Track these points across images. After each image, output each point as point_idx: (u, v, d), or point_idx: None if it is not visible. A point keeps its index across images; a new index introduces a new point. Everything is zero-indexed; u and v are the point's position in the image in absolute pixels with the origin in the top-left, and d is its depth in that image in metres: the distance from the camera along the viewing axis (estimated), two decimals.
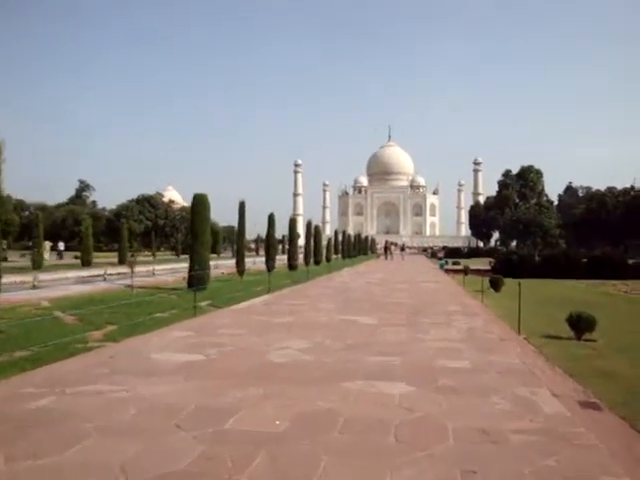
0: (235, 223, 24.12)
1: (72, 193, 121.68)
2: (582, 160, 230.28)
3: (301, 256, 36.34)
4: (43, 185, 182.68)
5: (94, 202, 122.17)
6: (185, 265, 21.95)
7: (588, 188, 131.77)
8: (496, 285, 22.56)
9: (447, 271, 36.90)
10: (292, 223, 32.21)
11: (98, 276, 27.37)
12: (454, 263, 45.47)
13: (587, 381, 6.44)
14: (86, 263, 35.60)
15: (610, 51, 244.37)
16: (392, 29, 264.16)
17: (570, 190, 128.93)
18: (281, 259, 36.51)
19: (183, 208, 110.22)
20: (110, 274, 28.10)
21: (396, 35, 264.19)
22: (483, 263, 49.07)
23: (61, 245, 51.23)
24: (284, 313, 12.19)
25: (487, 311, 13.75)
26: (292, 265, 31.29)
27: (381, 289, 19.21)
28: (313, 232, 41.11)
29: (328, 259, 44.75)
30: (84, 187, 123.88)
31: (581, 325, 11.00)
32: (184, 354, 7.53)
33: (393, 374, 6.40)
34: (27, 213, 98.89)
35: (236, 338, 8.85)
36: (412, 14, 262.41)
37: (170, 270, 33.55)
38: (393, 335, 9.33)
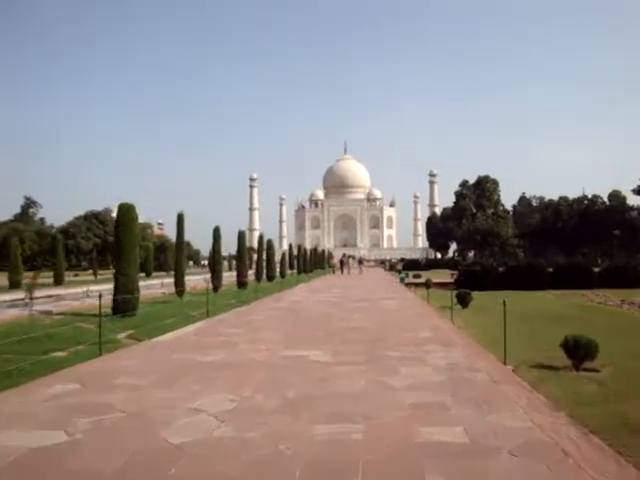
0: (191, 240, 22.86)
1: (17, 210, 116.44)
2: (534, 170, 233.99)
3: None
4: None
5: (42, 219, 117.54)
6: None
7: (541, 198, 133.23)
8: (464, 300, 20.52)
9: (408, 285, 34.94)
10: (241, 237, 29.68)
11: (21, 300, 24.28)
12: (414, 276, 43.63)
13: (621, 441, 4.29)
14: (14, 285, 32.24)
15: (558, 59, 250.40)
16: (346, 40, 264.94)
17: (523, 200, 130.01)
18: (233, 275, 34.37)
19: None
20: (37, 297, 25.05)
21: (350, 47, 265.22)
22: (444, 275, 47.50)
23: None
24: (215, 347, 9.70)
25: (462, 335, 11.55)
26: (241, 282, 28.72)
27: (337, 309, 16.88)
28: (265, 246, 38.74)
29: (282, 275, 42.42)
30: (30, 204, 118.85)
31: (580, 352, 8.90)
32: (40, 432, 5.02)
33: (351, 467, 4.04)
34: None
35: (134, 394, 6.35)
36: (364, 24, 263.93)
37: (108, 291, 30.74)
38: (351, 380, 6.97)
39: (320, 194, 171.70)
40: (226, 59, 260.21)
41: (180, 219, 20.63)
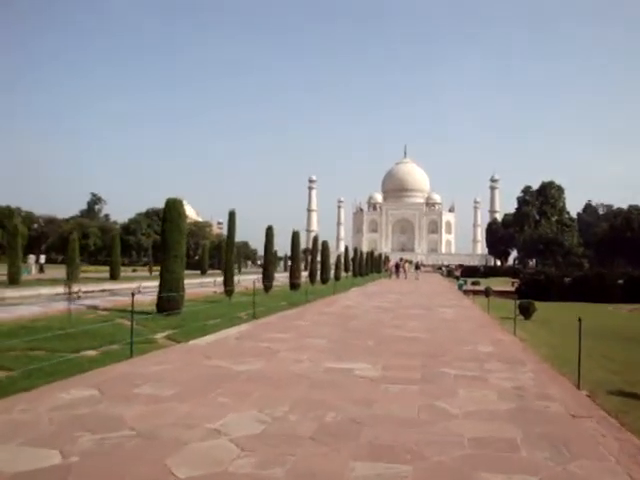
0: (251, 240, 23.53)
1: (83, 206, 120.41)
2: (600, 178, 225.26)
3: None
4: (55, 198, 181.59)
5: (107, 215, 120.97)
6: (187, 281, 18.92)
7: (609, 206, 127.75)
8: (527, 311, 19.15)
9: (466, 292, 33.51)
10: (295, 238, 28.97)
11: (73, 293, 24.32)
12: (473, 283, 42.05)
13: None
14: (71, 278, 32.58)
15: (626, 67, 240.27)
16: (410, 45, 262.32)
17: (589, 208, 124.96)
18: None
19: (197, 223, 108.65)
20: (88, 292, 25.12)
21: (413, 51, 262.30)
22: (504, 283, 45.65)
23: (42, 258, 48.54)
24: (254, 354, 8.90)
25: (527, 352, 10.35)
26: (294, 284, 28.01)
27: (391, 316, 15.86)
28: (320, 248, 37.97)
29: (337, 277, 41.53)
30: (96, 200, 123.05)
31: None
32: (33, 450, 4.31)
33: None
34: (36, 226, 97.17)
35: (151, 407, 5.59)
36: (430, 31, 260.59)
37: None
38: (401, 403, 6.01)
39: (379, 197, 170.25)
40: (290, 58, 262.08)
41: (232, 217, 20.05)
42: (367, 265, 61.71)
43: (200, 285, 32.76)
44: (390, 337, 11.29)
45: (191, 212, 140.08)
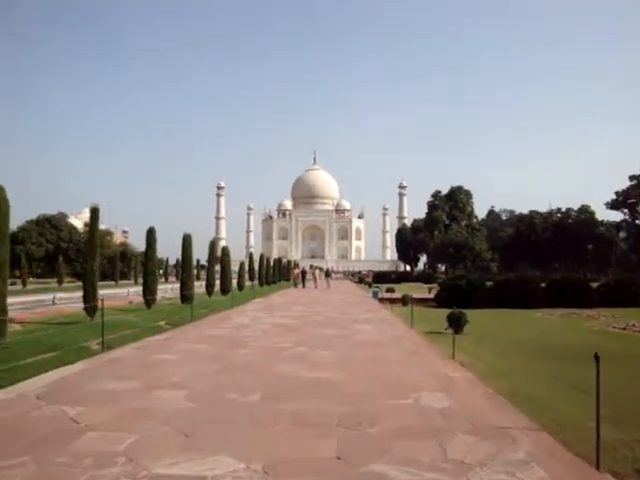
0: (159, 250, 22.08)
1: None
2: (501, 184, 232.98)
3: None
4: None
5: None
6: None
7: (511, 211, 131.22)
8: (458, 323, 15.94)
9: (381, 300, 30.40)
10: (186, 241, 24.68)
11: None
12: (387, 290, 39.11)
13: None
14: None
15: (516, 70, 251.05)
16: (315, 49, 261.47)
17: (492, 214, 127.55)
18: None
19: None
20: None
21: (319, 56, 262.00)
22: (418, 289, 43.06)
23: None
24: (29, 445, 4.82)
25: (501, 404, 6.86)
26: (185, 296, 23.71)
27: (293, 340, 12.03)
28: (220, 255, 33.78)
29: (240, 287, 37.46)
30: None
31: None
32: None
33: None
34: None
35: None
36: (334, 33, 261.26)
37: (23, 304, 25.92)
38: None
39: (288, 204, 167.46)
40: (195, 63, 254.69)
41: (151, 234, 20.31)
42: (275, 273, 57.91)
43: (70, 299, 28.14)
44: (287, 382, 7.42)
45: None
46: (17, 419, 5.63)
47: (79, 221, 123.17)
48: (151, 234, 20.68)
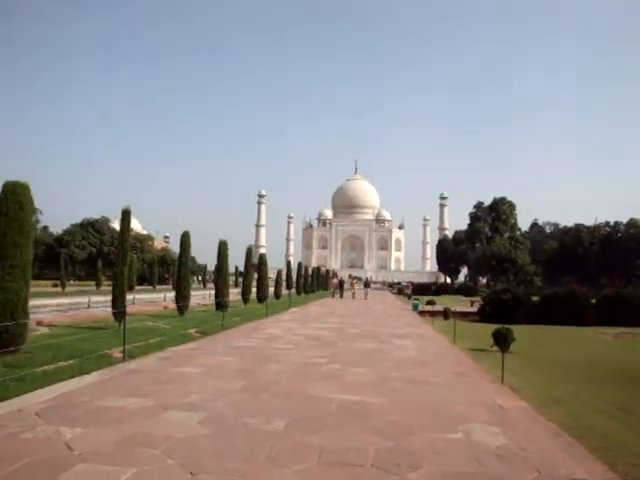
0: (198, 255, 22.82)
1: None
2: (545, 197, 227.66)
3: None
4: None
5: (45, 227, 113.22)
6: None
7: (556, 224, 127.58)
8: (504, 341, 14.83)
9: (421, 313, 29.28)
10: (221, 248, 24.14)
11: None
12: (428, 302, 37.88)
13: None
14: None
15: (578, 89, 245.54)
16: (361, 61, 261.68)
17: (536, 227, 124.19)
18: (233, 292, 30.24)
19: (137, 236, 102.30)
20: None
21: (365, 67, 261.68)
22: (458, 302, 41.70)
23: None
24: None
25: (576, 450, 5.89)
26: (219, 304, 23.11)
27: (328, 355, 11.15)
28: (257, 262, 33.22)
29: (277, 295, 36.81)
30: None
31: None
32: None
33: None
34: None
35: None
36: (381, 47, 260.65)
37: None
38: None
39: (329, 213, 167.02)
40: (238, 73, 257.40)
41: (185, 238, 20.00)
42: (313, 282, 57.13)
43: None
44: (318, 406, 6.54)
45: (136, 224, 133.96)
46: (4, 442, 4.92)
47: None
48: (185, 238, 20.17)
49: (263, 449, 4.88)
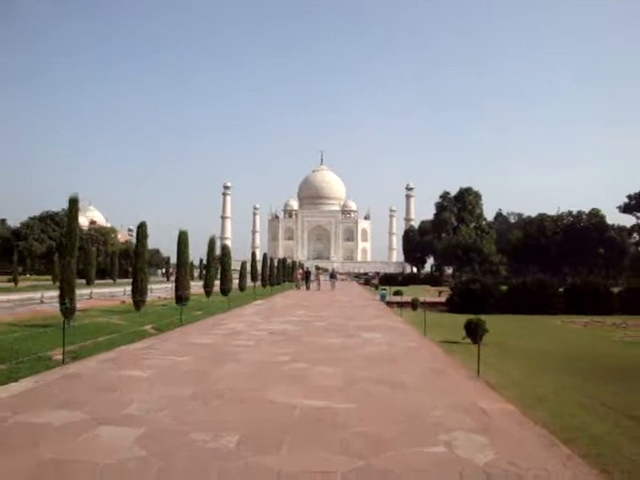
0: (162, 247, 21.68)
1: None
2: (507, 187, 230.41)
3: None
4: None
5: (2, 220, 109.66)
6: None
7: (520, 214, 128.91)
8: (475, 332, 14.25)
9: (389, 303, 28.72)
10: (181, 238, 23.02)
11: None
12: (395, 292, 37.41)
13: None
14: None
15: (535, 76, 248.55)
16: (328, 52, 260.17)
17: (500, 217, 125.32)
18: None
19: (100, 228, 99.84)
20: None
21: (329, 58, 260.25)
22: (426, 292, 41.31)
23: None
24: None
25: (543, 438, 5.19)
26: (180, 297, 22.05)
27: (292, 352, 10.30)
28: (221, 253, 32.16)
29: (241, 287, 35.82)
30: None
31: None
32: None
33: None
34: None
35: None
36: (350, 34, 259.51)
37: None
38: None
39: (295, 204, 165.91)
40: (202, 64, 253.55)
41: (142, 228, 18.71)
42: (279, 273, 56.20)
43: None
44: (277, 415, 5.67)
45: (100, 218, 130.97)
46: None
47: (85, 219, 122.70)
48: (142, 229, 19.02)
49: (207, 475, 4.02)
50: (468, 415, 5.91)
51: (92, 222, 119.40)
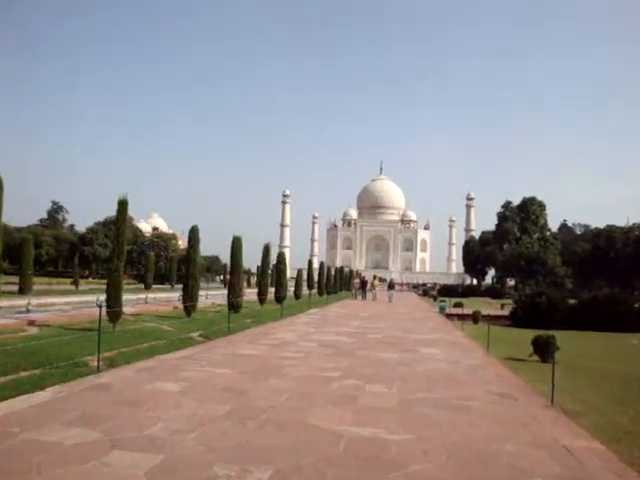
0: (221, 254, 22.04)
1: (43, 215, 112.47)
2: (572, 198, 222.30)
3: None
4: (14, 206, 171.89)
5: (72, 226, 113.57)
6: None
7: (586, 226, 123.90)
8: (546, 350, 13.04)
9: (449, 316, 27.46)
10: (235, 244, 22.60)
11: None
12: (455, 305, 35.96)
13: None
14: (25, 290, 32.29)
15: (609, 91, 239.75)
16: (385, 61, 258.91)
17: (565, 228, 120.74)
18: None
19: (161, 234, 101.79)
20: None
21: (389, 67, 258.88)
22: (487, 305, 39.69)
23: None
24: None
25: None
26: (233, 304, 21.57)
27: (343, 367, 9.43)
28: (275, 261, 31.61)
29: (297, 295, 35.20)
30: (57, 209, 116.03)
31: None
32: None
33: None
34: None
35: None
36: (405, 47, 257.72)
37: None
38: None
39: (354, 214, 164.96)
40: (264, 72, 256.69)
41: (194, 233, 18.88)
42: (336, 282, 55.40)
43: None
44: (319, 446, 4.75)
45: (162, 225, 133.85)
46: None
47: (148, 225, 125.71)
48: (194, 233, 18.67)
49: None
50: (549, 455, 4.91)
51: (155, 229, 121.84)
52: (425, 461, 4.59)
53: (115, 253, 13.73)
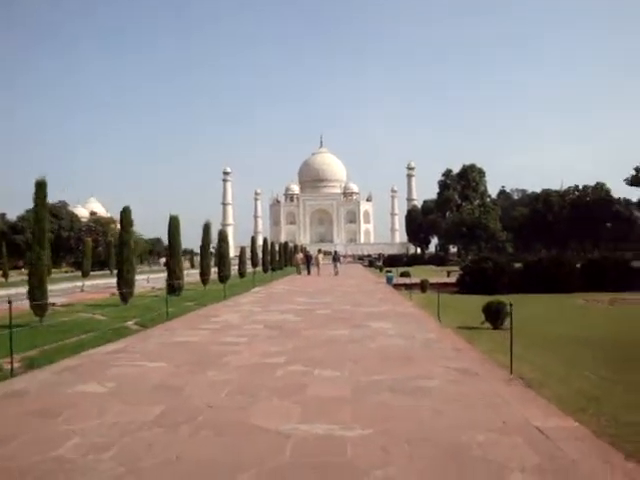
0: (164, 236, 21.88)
1: None
2: (509, 164, 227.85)
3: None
4: None
5: (2, 214, 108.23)
6: None
7: (523, 191, 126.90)
8: (497, 316, 12.76)
9: (396, 286, 27.12)
10: (172, 224, 21.49)
11: None
12: (402, 274, 35.76)
13: None
14: None
15: (541, 56, 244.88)
16: (325, 35, 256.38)
17: (503, 194, 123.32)
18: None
19: (99, 219, 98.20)
20: None
21: (329, 41, 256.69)
22: (433, 273, 39.70)
23: None
24: None
25: None
26: (172, 286, 20.60)
27: (290, 350, 8.74)
28: (217, 239, 30.54)
29: (241, 274, 34.33)
30: None
31: None
32: None
33: None
34: None
35: None
36: (342, 17, 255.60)
37: None
38: None
39: (296, 188, 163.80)
40: (204, 50, 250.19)
41: (126, 213, 17.58)
42: (280, 258, 54.71)
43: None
44: (261, 454, 4.05)
45: (101, 209, 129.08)
46: None
47: (85, 210, 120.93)
48: (125, 214, 17.45)
49: None
50: (522, 440, 4.35)
51: (92, 213, 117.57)
52: (389, 463, 3.92)
53: (35, 239, 12.51)
